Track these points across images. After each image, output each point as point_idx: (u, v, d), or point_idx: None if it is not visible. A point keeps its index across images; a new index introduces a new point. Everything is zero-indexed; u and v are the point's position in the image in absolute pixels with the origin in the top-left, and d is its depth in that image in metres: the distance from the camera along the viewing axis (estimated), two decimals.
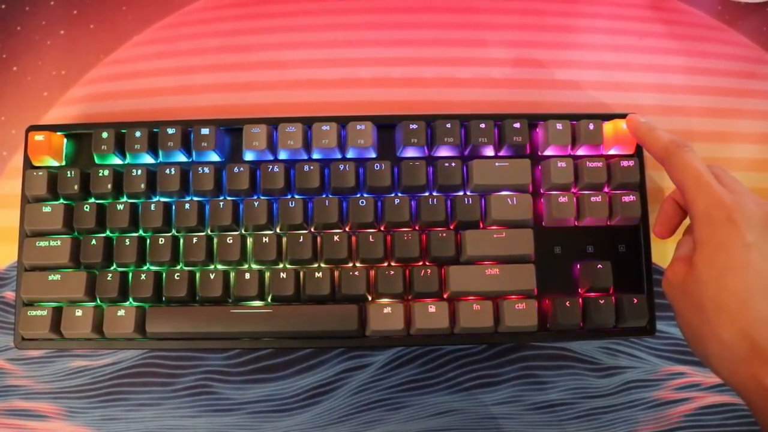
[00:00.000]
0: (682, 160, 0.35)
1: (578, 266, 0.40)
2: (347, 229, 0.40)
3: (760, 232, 0.32)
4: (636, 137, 0.39)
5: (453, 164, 0.40)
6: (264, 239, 0.40)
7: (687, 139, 0.46)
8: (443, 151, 0.41)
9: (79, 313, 0.39)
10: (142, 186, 0.40)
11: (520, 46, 0.47)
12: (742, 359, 0.31)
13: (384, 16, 0.48)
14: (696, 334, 0.33)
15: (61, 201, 0.41)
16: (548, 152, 0.41)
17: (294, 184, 0.40)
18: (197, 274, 0.40)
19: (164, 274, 0.40)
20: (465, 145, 0.41)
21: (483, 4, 0.48)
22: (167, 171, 0.40)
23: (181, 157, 0.41)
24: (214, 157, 0.41)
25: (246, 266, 0.40)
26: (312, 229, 0.40)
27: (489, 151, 0.41)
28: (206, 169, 0.40)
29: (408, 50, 0.47)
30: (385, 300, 0.39)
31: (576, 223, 0.41)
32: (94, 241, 0.40)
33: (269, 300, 0.40)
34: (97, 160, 0.41)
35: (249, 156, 0.41)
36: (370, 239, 0.40)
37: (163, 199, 0.41)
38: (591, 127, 0.41)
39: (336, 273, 0.40)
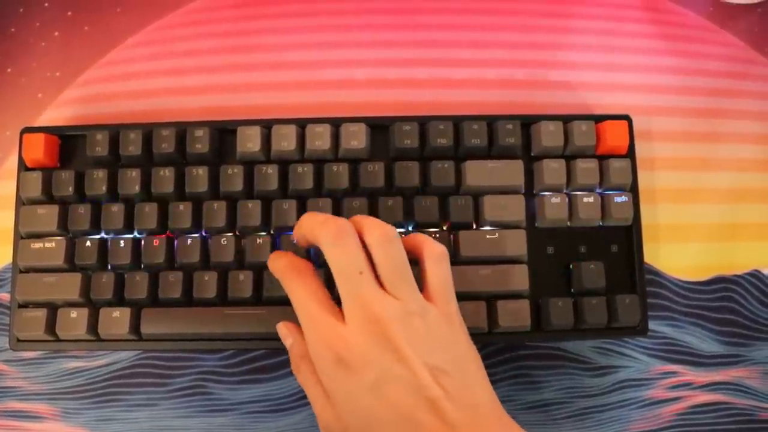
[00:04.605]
0: (289, 293, 0.33)
1: (571, 267, 0.41)
2: None
3: (380, 363, 0.30)
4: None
5: (446, 165, 0.40)
6: (258, 240, 0.40)
7: (681, 139, 0.47)
8: (437, 152, 0.41)
9: (74, 314, 0.39)
10: (137, 188, 0.40)
11: (513, 48, 0.48)
12: None
13: (378, 17, 0.48)
14: None
15: (56, 203, 0.41)
16: (541, 153, 0.41)
17: (288, 186, 0.40)
18: (192, 276, 0.40)
19: (159, 276, 0.40)
20: (458, 146, 0.41)
21: (477, 5, 0.48)
22: (162, 173, 0.40)
23: (176, 159, 0.41)
24: (209, 159, 0.41)
25: (240, 268, 0.40)
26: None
27: (482, 153, 0.41)
28: (200, 171, 0.40)
29: (402, 51, 0.47)
30: None
31: (569, 224, 0.41)
32: (89, 243, 0.40)
33: (263, 301, 0.40)
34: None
35: (243, 157, 0.41)
36: None
37: (157, 201, 0.41)
38: (583, 128, 0.41)
39: (329, 274, 0.40)
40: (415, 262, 0.34)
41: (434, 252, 0.33)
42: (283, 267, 0.34)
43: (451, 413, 0.29)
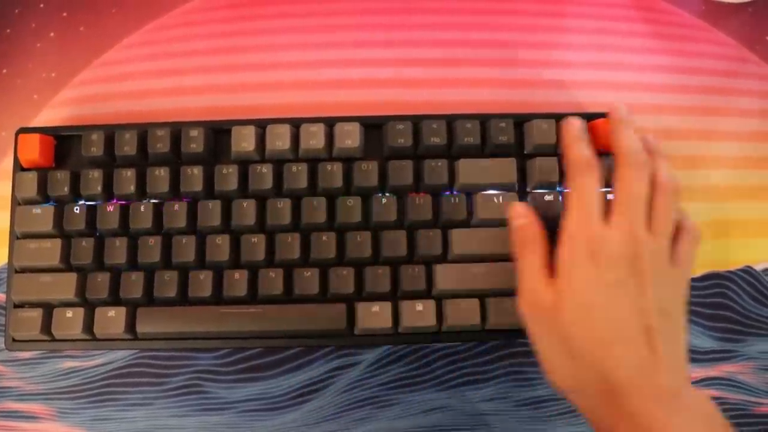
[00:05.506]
0: (574, 183, 0.36)
1: None
2: (335, 228, 0.41)
3: (622, 272, 0.33)
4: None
5: (440, 164, 0.41)
6: (253, 239, 0.40)
7: (674, 137, 0.47)
8: (430, 151, 0.41)
9: (69, 314, 0.40)
10: (132, 187, 0.40)
11: (506, 47, 0.48)
12: (599, 398, 0.32)
13: (372, 17, 0.48)
14: (554, 364, 0.34)
15: (52, 203, 0.41)
16: (534, 151, 0.41)
17: (282, 185, 0.41)
18: (187, 275, 0.40)
19: (154, 275, 0.40)
20: (451, 145, 0.41)
21: (470, 5, 0.49)
22: (157, 172, 0.41)
23: (171, 159, 0.41)
24: (204, 159, 0.41)
25: (235, 266, 0.40)
26: (300, 229, 0.40)
27: (475, 151, 0.41)
28: (195, 171, 0.41)
29: (395, 51, 0.48)
30: (373, 299, 0.40)
31: (562, 221, 0.41)
32: (84, 243, 0.40)
33: (258, 300, 0.40)
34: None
35: (238, 157, 0.41)
36: (358, 239, 0.40)
37: (152, 201, 0.41)
38: None
39: (324, 272, 0.40)
40: None
41: (693, 232, 0.37)
42: (575, 161, 0.37)
43: (660, 348, 0.32)
